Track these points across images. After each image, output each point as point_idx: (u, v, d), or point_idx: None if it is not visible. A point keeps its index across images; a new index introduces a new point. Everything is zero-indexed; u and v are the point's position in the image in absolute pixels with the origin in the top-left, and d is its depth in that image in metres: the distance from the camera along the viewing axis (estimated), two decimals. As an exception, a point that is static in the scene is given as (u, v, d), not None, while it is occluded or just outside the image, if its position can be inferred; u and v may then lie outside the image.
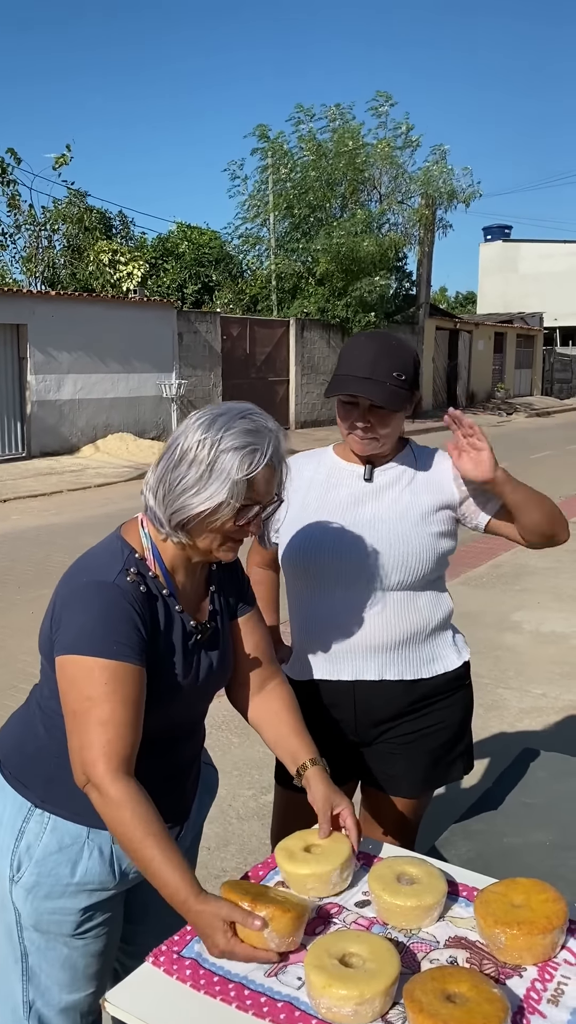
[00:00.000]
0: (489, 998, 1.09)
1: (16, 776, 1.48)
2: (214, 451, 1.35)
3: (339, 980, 1.13)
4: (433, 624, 1.95)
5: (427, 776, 2.00)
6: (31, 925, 1.46)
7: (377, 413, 1.82)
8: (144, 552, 1.44)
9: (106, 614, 1.35)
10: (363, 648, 1.89)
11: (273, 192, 19.95)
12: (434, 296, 31.74)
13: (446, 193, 20.96)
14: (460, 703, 2.01)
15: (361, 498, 1.91)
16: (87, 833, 1.43)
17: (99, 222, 20.90)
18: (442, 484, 1.92)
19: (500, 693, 4.49)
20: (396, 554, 1.85)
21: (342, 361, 1.86)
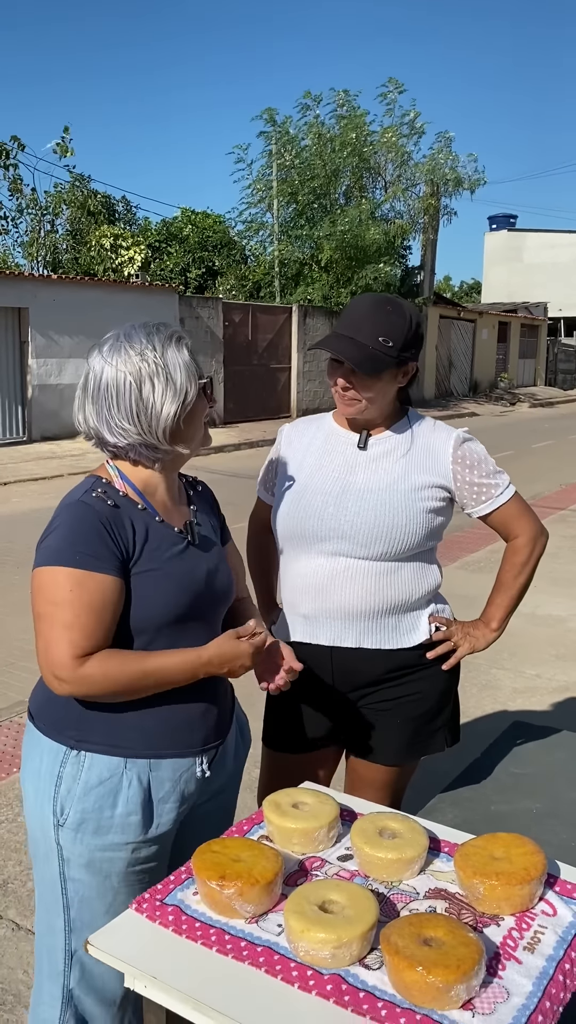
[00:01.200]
0: (464, 942, 1.11)
1: (49, 726, 1.53)
2: (158, 356, 1.46)
3: (317, 925, 1.14)
4: (417, 596, 1.94)
5: (408, 745, 2.00)
6: (83, 865, 1.50)
7: (359, 375, 1.82)
8: (112, 479, 1.53)
9: (71, 527, 1.44)
10: (342, 615, 1.91)
11: (277, 178, 19.86)
12: (438, 285, 31.65)
13: (451, 180, 20.84)
14: (442, 674, 2.00)
15: (354, 466, 1.91)
16: (124, 764, 1.49)
17: (102, 207, 20.83)
18: (439, 463, 1.91)
19: (494, 674, 4.50)
20: (382, 525, 1.85)
21: (340, 317, 1.89)
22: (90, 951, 1.22)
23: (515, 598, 2.05)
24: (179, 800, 1.55)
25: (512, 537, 2.02)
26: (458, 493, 1.93)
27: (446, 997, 1.06)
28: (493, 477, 1.94)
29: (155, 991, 1.16)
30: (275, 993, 1.12)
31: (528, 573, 2.03)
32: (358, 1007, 1.08)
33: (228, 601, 1.66)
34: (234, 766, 1.71)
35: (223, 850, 1.30)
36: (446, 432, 1.95)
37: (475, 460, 1.93)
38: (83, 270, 18.40)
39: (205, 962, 1.17)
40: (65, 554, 1.41)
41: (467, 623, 2.05)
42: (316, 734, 2.02)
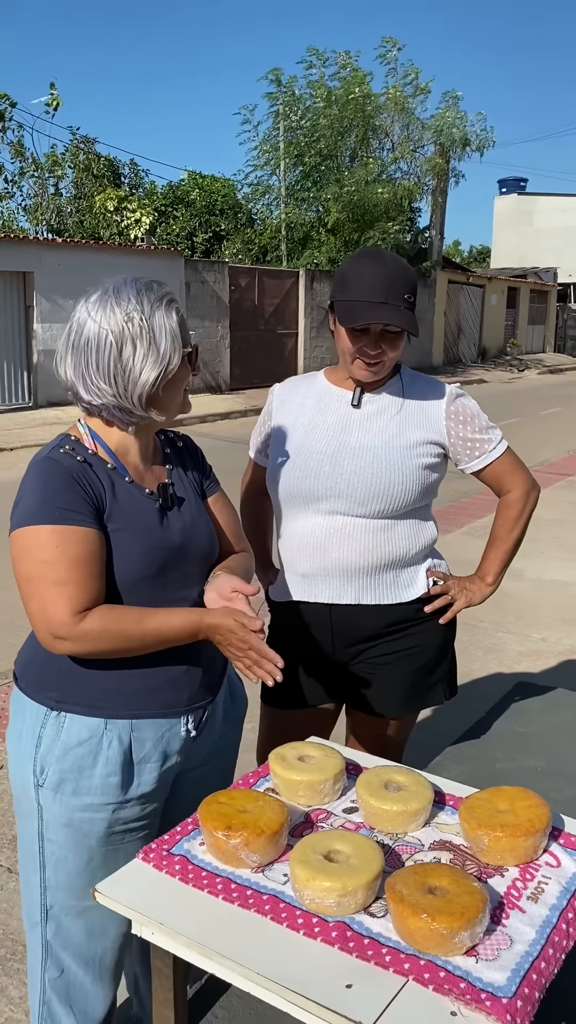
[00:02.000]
0: (469, 890, 1.11)
1: (31, 685, 1.53)
2: (144, 318, 1.41)
3: (323, 873, 1.15)
4: (414, 551, 1.95)
5: (407, 697, 2.02)
6: (62, 825, 1.50)
7: (389, 337, 1.81)
8: (82, 437, 1.50)
9: (45, 484, 1.42)
10: (340, 572, 1.91)
11: (284, 139, 19.55)
12: (447, 250, 31.29)
13: (459, 140, 20.49)
14: (439, 628, 2.02)
15: (348, 424, 1.91)
16: (104, 724, 1.48)
17: (108, 169, 20.57)
18: (433, 420, 1.91)
19: (500, 637, 4.52)
20: (379, 482, 1.85)
21: (349, 285, 1.82)
22: (97, 898, 1.23)
23: (509, 552, 2.07)
24: (161, 759, 1.53)
25: (505, 492, 2.04)
26: (452, 449, 1.94)
27: (450, 944, 1.07)
28: (486, 432, 1.96)
29: (162, 937, 1.18)
30: (281, 940, 1.13)
31: (521, 527, 2.06)
32: (363, 953, 1.09)
33: (209, 559, 1.62)
34: (225, 728, 1.68)
35: (229, 801, 1.30)
36: (439, 388, 1.96)
37: (468, 415, 1.94)
38: (88, 234, 18.22)
39: (211, 910, 1.18)
40: (43, 512, 1.39)
41: (463, 578, 2.07)
42: (314, 691, 2.03)
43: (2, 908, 2.40)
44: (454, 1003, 1.02)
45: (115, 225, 17.60)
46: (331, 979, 1.06)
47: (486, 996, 1.02)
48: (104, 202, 17.61)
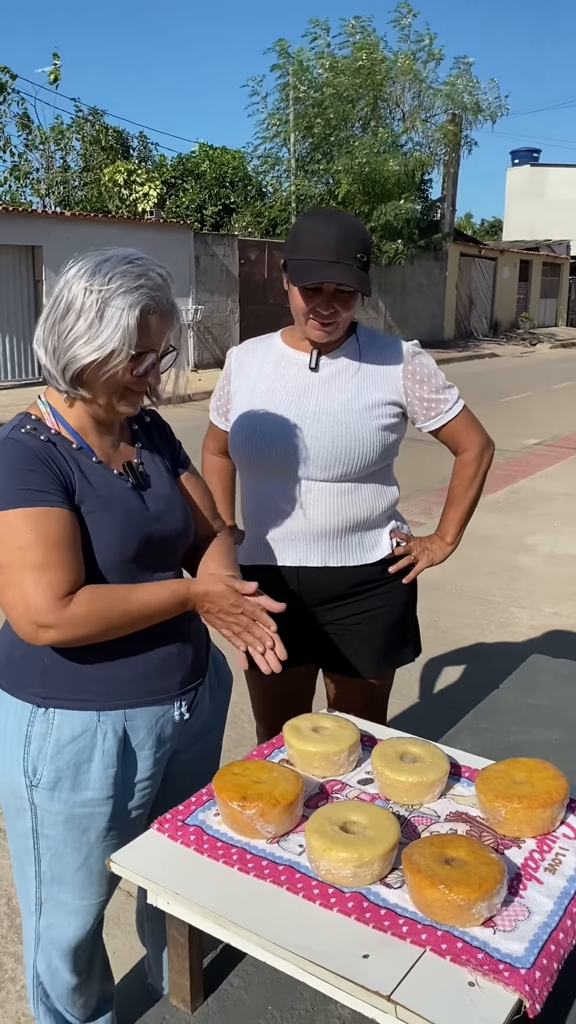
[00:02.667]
0: (486, 861, 1.10)
1: (12, 683, 1.46)
2: (101, 298, 1.31)
3: (339, 844, 1.14)
4: (377, 513, 1.98)
5: (379, 657, 2.07)
6: (61, 822, 1.45)
7: (341, 297, 1.81)
8: (44, 416, 1.43)
9: (10, 467, 1.34)
10: (307, 536, 1.94)
11: (293, 110, 19.29)
12: (459, 222, 30.94)
13: (471, 107, 20.17)
14: (403, 587, 2.07)
15: (307, 388, 1.91)
16: (97, 717, 1.43)
17: (116, 142, 20.37)
18: (390, 380, 1.92)
19: (512, 611, 4.50)
20: (340, 446, 1.87)
21: (302, 244, 1.80)
22: (112, 868, 1.23)
23: (467, 511, 2.11)
24: (155, 746, 1.49)
25: (461, 451, 2.06)
26: (409, 408, 1.95)
27: (467, 914, 1.06)
28: (443, 392, 1.97)
29: (178, 907, 1.17)
30: (297, 910, 1.12)
31: (478, 486, 2.09)
32: (379, 923, 1.08)
33: (184, 540, 1.56)
34: (213, 705, 1.65)
35: (244, 772, 1.30)
36: (396, 346, 1.95)
37: (426, 374, 1.94)
38: (97, 207, 18.08)
39: (227, 880, 1.18)
40: (11, 495, 1.31)
41: (424, 538, 2.11)
42: (292, 652, 2.05)
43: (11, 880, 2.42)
44: (472, 973, 1.02)
45: (124, 198, 17.46)
46: (348, 949, 1.06)
47: (504, 967, 1.01)
48: (112, 175, 17.47)
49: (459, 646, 4.08)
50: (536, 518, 6.33)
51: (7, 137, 17.72)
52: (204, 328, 16.17)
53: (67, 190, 18.91)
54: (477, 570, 5.10)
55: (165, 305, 1.37)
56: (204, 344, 16.34)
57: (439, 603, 4.57)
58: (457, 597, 4.68)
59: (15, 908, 2.31)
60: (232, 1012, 1.22)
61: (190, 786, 1.45)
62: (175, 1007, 1.25)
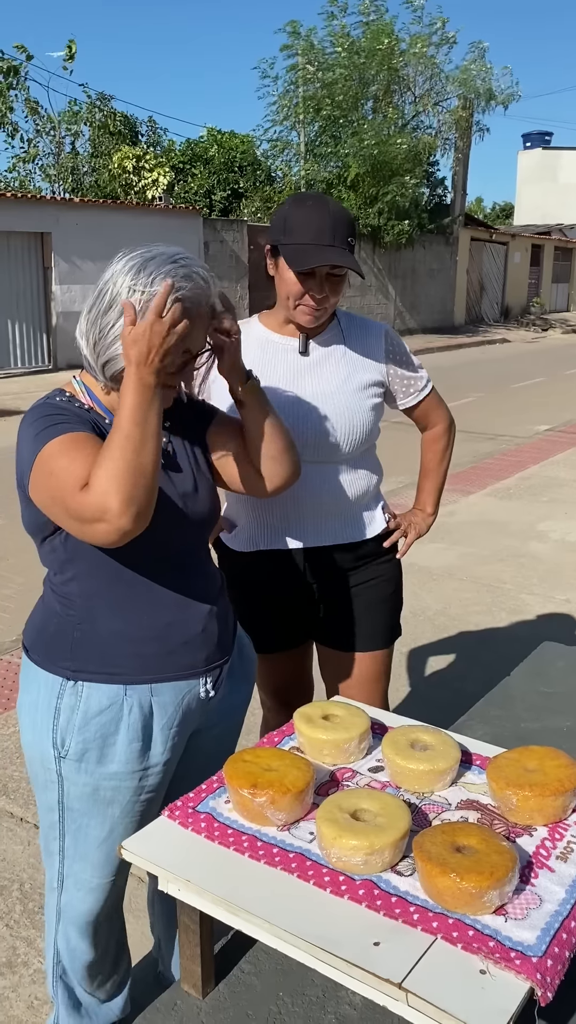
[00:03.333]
0: (498, 850, 1.10)
1: (44, 657, 1.50)
2: (143, 300, 1.32)
3: (349, 832, 1.14)
4: (371, 490, 2.06)
5: (383, 626, 2.14)
6: (87, 795, 1.49)
7: (333, 281, 1.83)
8: (77, 393, 1.46)
9: (44, 414, 1.38)
10: (316, 516, 1.99)
11: (303, 92, 19.14)
12: (469, 207, 30.70)
13: (484, 94, 19.98)
14: (395, 560, 2.16)
15: (299, 372, 1.94)
16: (124, 691, 1.46)
17: (125, 127, 20.27)
18: (375, 361, 1.98)
19: (523, 598, 4.49)
20: (341, 427, 1.91)
21: (295, 229, 1.80)
22: (123, 855, 1.23)
23: (441, 482, 2.24)
24: (182, 723, 1.52)
25: (431, 426, 2.19)
26: (391, 386, 2.03)
27: (479, 902, 1.06)
28: (417, 371, 2.07)
29: (189, 894, 1.18)
30: (307, 897, 1.12)
31: (448, 457, 2.23)
32: (390, 911, 1.08)
33: (211, 524, 1.58)
34: (236, 686, 1.66)
35: (255, 760, 1.30)
36: (375, 328, 2.02)
37: (403, 354, 2.03)
38: (105, 193, 18.02)
39: (237, 867, 1.18)
40: (45, 433, 1.35)
41: (407, 513, 2.23)
42: (293, 631, 2.13)
43: (31, 864, 2.44)
44: (483, 961, 1.02)
45: (133, 184, 17.39)
46: (359, 936, 1.06)
47: (516, 955, 1.01)
48: (121, 161, 17.39)
49: (470, 634, 4.07)
50: (547, 504, 6.30)
51: (15, 124, 17.66)
52: (214, 314, 16.13)
53: (77, 176, 18.84)
54: (488, 557, 5.08)
55: (204, 308, 1.39)
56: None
57: (449, 590, 4.55)
58: (468, 584, 4.66)
59: (27, 893, 2.33)
60: (243, 998, 1.23)
61: (210, 766, 1.47)
62: (186, 992, 1.25)
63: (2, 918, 2.25)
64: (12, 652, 3.83)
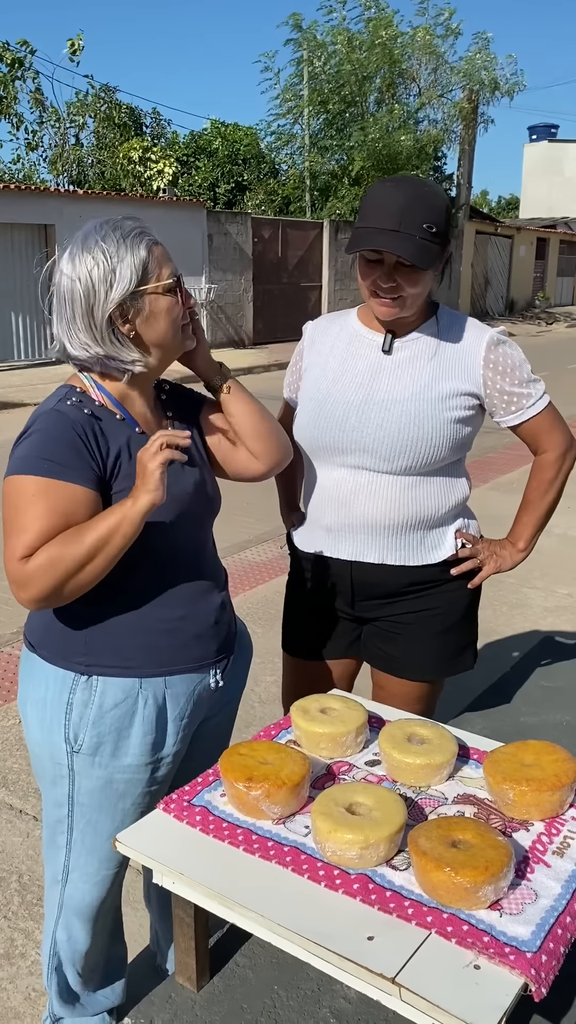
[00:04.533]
0: (493, 844, 1.09)
1: (54, 653, 1.49)
2: (107, 261, 1.35)
3: (344, 826, 1.14)
4: (443, 511, 1.85)
5: (435, 660, 1.93)
6: (99, 788, 1.49)
7: (404, 271, 1.66)
8: (87, 388, 1.45)
9: (44, 435, 1.37)
10: (365, 529, 1.83)
11: (307, 87, 19.05)
12: (475, 200, 30.58)
13: (488, 84, 19.86)
14: (465, 590, 1.93)
15: (378, 372, 1.79)
16: (139, 684, 1.47)
17: (129, 119, 20.22)
18: (469, 369, 1.78)
19: (525, 592, 4.48)
20: (406, 437, 1.74)
21: (365, 211, 1.68)
22: (118, 848, 1.23)
23: (543, 517, 1.97)
24: (193, 714, 1.54)
25: (541, 451, 1.92)
26: (488, 401, 1.82)
27: (474, 897, 1.06)
28: (527, 386, 1.83)
29: (183, 887, 1.17)
30: (302, 891, 1.12)
31: (557, 491, 1.95)
32: (385, 905, 1.08)
33: (216, 507, 1.59)
34: (236, 675, 1.69)
35: (251, 753, 1.29)
36: (479, 332, 1.81)
37: (509, 366, 1.80)
38: (109, 185, 17.98)
39: (232, 860, 1.17)
40: (33, 462, 1.35)
41: (494, 542, 1.97)
42: (333, 643, 1.99)
43: (29, 855, 2.44)
44: (477, 956, 1.01)
45: (138, 176, 17.34)
46: (353, 931, 1.05)
47: (510, 950, 1.00)
48: (127, 152, 17.34)
49: (471, 627, 4.06)
50: (550, 499, 6.29)
51: (20, 115, 17.62)
52: (217, 307, 16.09)
53: (81, 168, 18.80)
54: (490, 551, 5.07)
55: (149, 233, 1.42)
56: (217, 323, 16.27)
57: (451, 584, 4.54)
58: (470, 578, 4.65)
59: (26, 885, 2.33)
60: (238, 991, 1.23)
61: (211, 751, 1.49)
62: (181, 985, 1.25)
63: (0, 909, 2.25)
64: (12, 644, 3.83)
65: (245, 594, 4.37)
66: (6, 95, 16.95)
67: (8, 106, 17.13)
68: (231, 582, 1.73)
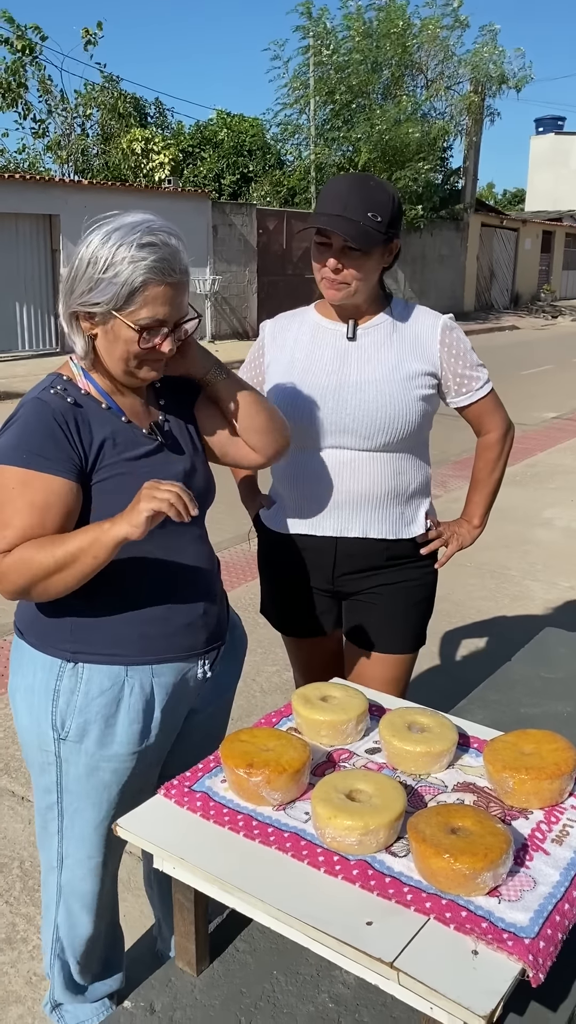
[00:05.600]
0: (492, 831, 1.10)
1: (41, 639, 1.49)
2: (105, 267, 1.35)
3: (344, 812, 1.14)
4: (413, 487, 2.00)
5: (406, 631, 2.08)
6: (84, 776, 1.49)
7: (350, 255, 1.79)
8: (75, 377, 1.46)
9: (24, 425, 1.38)
10: (349, 505, 1.95)
11: (314, 75, 18.95)
12: (481, 192, 30.48)
13: (496, 77, 19.77)
14: (431, 568, 2.10)
15: (346, 358, 1.91)
16: (125, 672, 1.47)
17: (134, 109, 20.14)
18: (427, 352, 1.92)
19: (527, 585, 4.48)
20: (384, 415, 1.87)
21: (319, 201, 1.83)
22: (119, 833, 1.23)
23: (492, 493, 2.13)
24: (180, 704, 1.54)
25: (484, 432, 2.08)
26: (443, 381, 1.96)
27: (472, 884, 1.06)
28: (475, 370, 1.98)
29: (183, 872, 1.18)
30: (302, 876, 1.12)
31: (501, 468, 2.11)
32: (384, 891, 1.08)
33: (209, 498, 1.59)
34: (229, 667, 1.69)
35: (251, 739, 1.30)
36: (432, 318, 1.95)
37: (461, 350, 1.95)
38: (113, 175, 17.93)
39: (232, 845, 1.18)
40: (12, 453, 1.36)
41: (452, 523, 2.13)
42: (322, 619, 2.10)
43: (31, 842, 2.45)
44: (475, 942, 1.01)
45: (142, 166, 17.29)
46: (352, 916, 1.05)
47: (508, 936, 1.01)
48: (130, 143, 17.29)
49: (473, 619, 4.07)
50: (554, 491, 6.29)
51: (29, 103, 17.55)
52: (222, 299, 16.07)
53: (86, 158, 18.73)
54: (493, 543, 5.07)
55: (172, 276, 1.37)
56: (222, 315, 16.25)
57: (453, 576, 4.55)
58: (472, 570, 4.66)
59: (27, 871, 2.35)
60: (237, 976, 1.23)
61: (204, 744, 1.50)
62: (181, 970, 1.26)
63: (2, 895, 2.26)
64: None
65: (247, 584, 4.38)
66: (16, 82, 16.89)
67: (17, 94, 17.07)
68: (234, 573, 1.74)
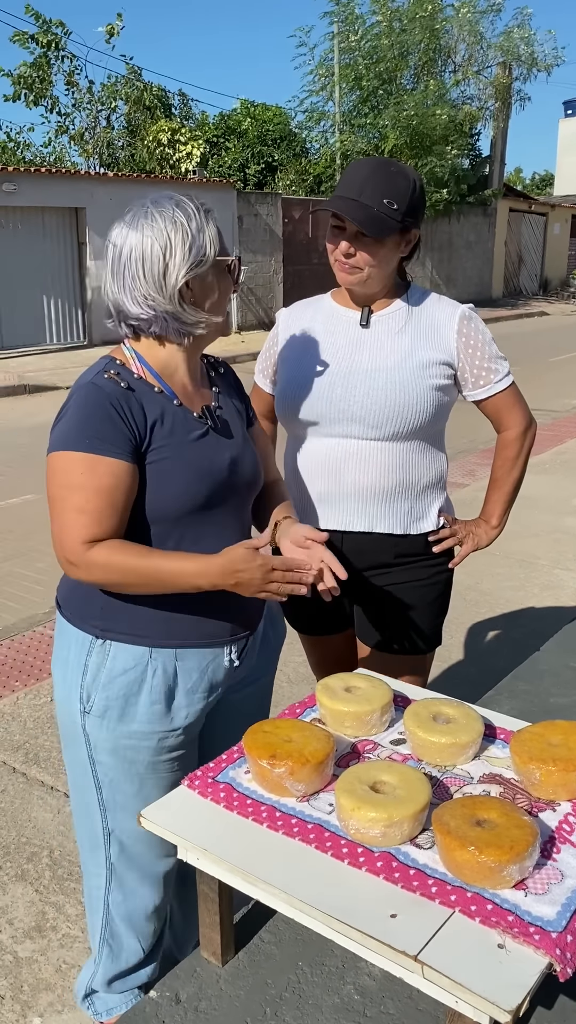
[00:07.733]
0: (518, 824, 1.08)
1: (75, 615, 1.53)
2: (186, 223, 1.40)
3: (368, 803, 1.13)
4: (425, 481, 1.93)
5: (423, 631, 2.03)
6: (108, 751, 1.52)
7: (363, 240, 1.76)
8: (128, 360, 1.48)
9: (82, 411, 1.41)
10: (356, 496, 1.90)
11: (340, 62, 18.80)
12: (508, 177, 30.12)
13: (527, 60, 19.47)
14: (444, 566, 2.03)
15: (359, 345, 1.88)
16: (149, 653, 1.49)
17: (158, 100, 20.11)
18: (443, 341, 1.87)
19: (557, 574, 4.43)
20: (393, 404, 1.83)
21: (339, 182, 1.80)
22: (143, 824, 1.23)
23: (511, 493, 2.06)
24: (207, 691, 1.54)
25: (503, 428, 2.01)
26: (460, 372, 1.90)
27: (498, 877, 1.05)
28: (494, 362, 1.91)
29: (207, 863, 1.17)
30: (325, 868, 1.11)
31: (521, 467, 2.04)
32: (408, 884, 1.07)
33: (255, 488, 1.61)
34: (265, 656, 1.69)
35: (274, 731, 1.29)
36: (450, 307, 1.90)
37: (480, 341, 1.89)
38: (139, 167, 17.94)
39: (256, 837, 1.18)
40: (76, 439, 1.39)
41: (469, 522, 2.06)
42: (333, 617, 2.07)
43: (59, 831, 2.47)
44: (501, 935, 1.00)
45: (167, 158, 17.28)
46: (376, 908, 1.05)
47: (535, 930, 0.99)
48: (156, 134, 17.27)
49: (502, 609, 4.03)
50: (584, 480, 6.21)
51: (55, 97, 17.59)
52: (247, 289, 16.04)
53: (112, 151, 18.75)
54: (522, 532, 5.02)
55: (213, 211, 1.47)
56: (247, 305, 16.23)
57: (482, 565, 4.51)
58: (501, 559, 4.61)
59: (57, 860, 2.37)
60: (263, 967, 1.23)
61: (234, 732, 1.48)
62: (206, 960, 1.26)
63: (32, 883, 2.29)
64: (45, 624, 3.87)
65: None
66: (41, 78, 16.93)
67: (44, 89, 17.11)
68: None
